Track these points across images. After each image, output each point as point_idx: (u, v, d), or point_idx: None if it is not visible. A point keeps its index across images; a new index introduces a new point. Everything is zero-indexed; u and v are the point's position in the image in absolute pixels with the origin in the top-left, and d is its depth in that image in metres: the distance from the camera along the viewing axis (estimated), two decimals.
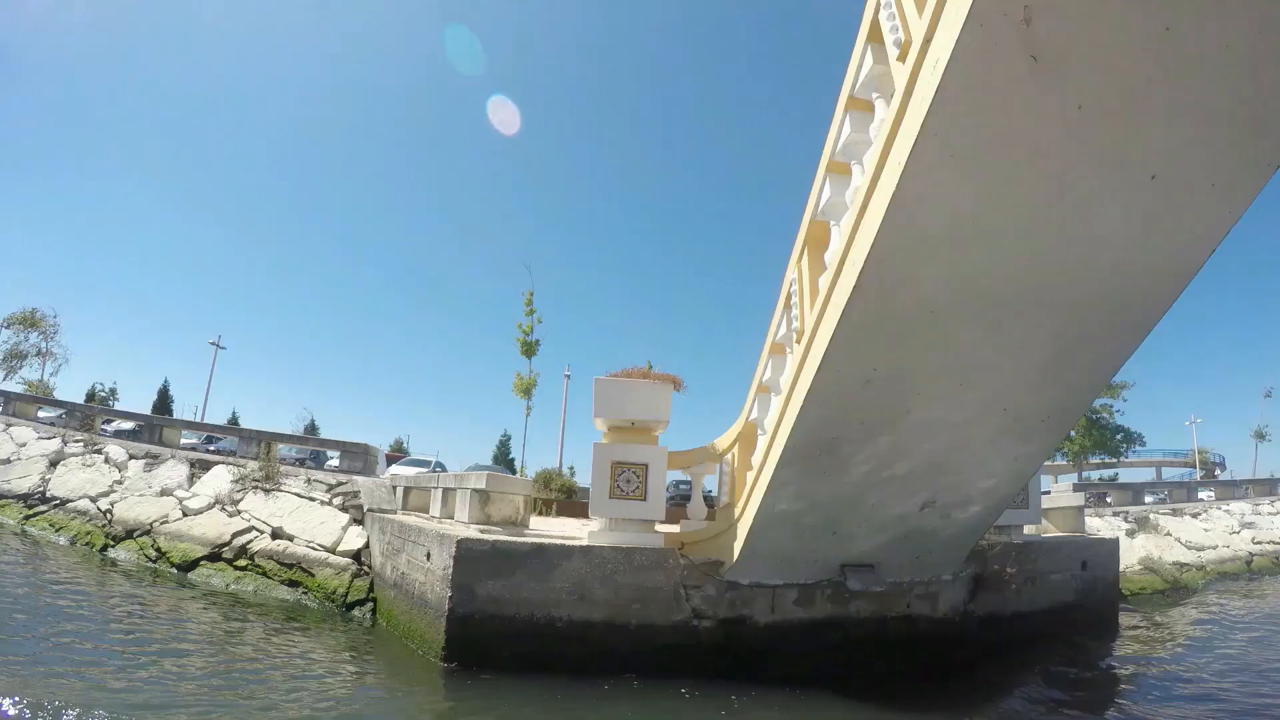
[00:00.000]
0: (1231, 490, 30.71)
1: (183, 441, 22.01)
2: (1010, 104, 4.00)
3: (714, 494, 16.61)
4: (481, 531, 8.46)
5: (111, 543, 13.88)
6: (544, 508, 18.06)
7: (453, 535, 7.94)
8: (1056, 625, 10.23)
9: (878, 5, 4.96)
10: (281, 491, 14.40)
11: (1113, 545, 12.33)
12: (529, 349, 22.00)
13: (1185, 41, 3.69)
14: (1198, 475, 52.94)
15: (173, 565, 12.57)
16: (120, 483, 16.08)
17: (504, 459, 62.03)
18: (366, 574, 11.73)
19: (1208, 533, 21.62)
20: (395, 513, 13.16)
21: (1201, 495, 30.01)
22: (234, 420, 66.54)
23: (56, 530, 14.94)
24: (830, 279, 5.64)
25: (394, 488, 14.76)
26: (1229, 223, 4.81)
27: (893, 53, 4.67)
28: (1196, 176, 4.50)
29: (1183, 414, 64.06)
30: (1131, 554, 17.55)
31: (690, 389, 9.58)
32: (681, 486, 23.79)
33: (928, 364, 5.98)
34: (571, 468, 31.82)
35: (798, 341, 6.48)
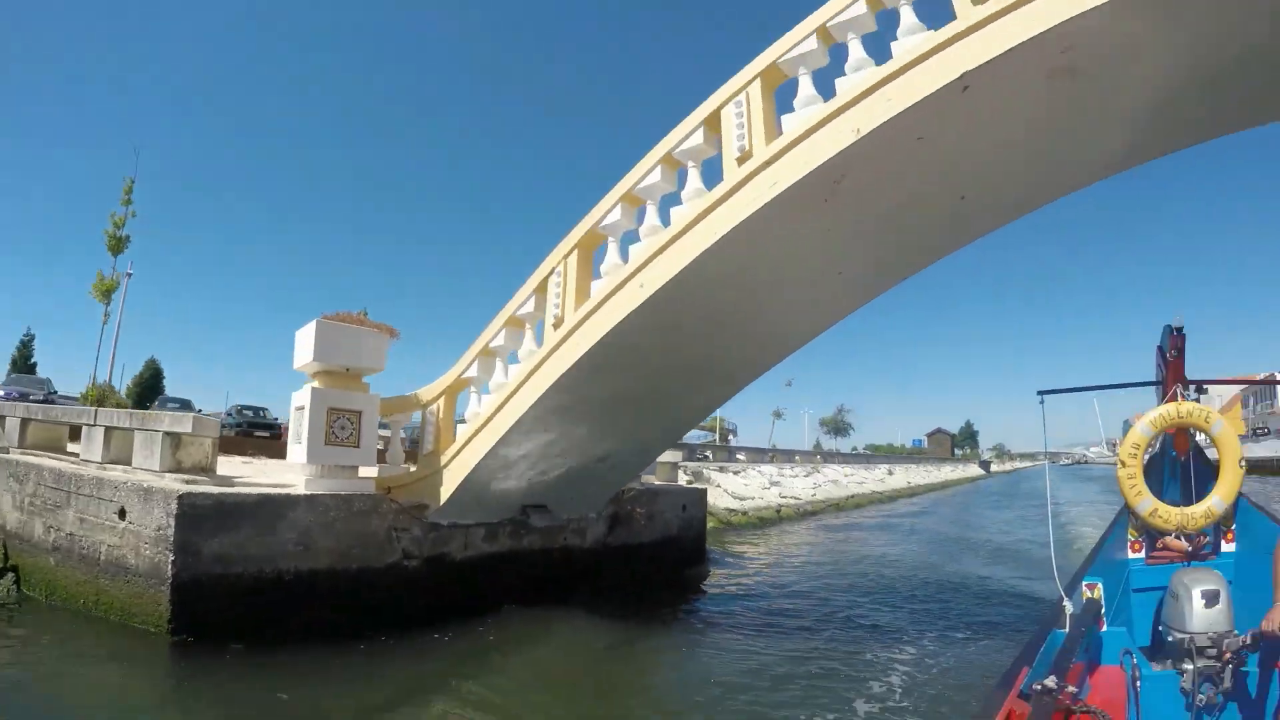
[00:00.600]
0: (760, 456, 40.44)
1: None
2: (802, 220, 6.18)
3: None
4: (187, 482, 7.71)
5: None
6: None
7: (164, 489, 7.19)
8: (667, 553, 13.19)
9: (723, 101, 6.33)
10: None
11: (703, 493, 16.01)
12: (117, 244, 18.72)
13: (919, 206, 6.41)
14: (716, 438, 68.61)
15: None
16: None
17: (24, 363, 50.12)
18: None
19: (747, 486, 28.50)
20: (10, 451, 10.74)
21: (739, 458, 38.90)
22: None
23: None
24: (610, 286, 7.04)
25: (3, 418, 11.84)
26: (850, 308, 8.11)
27: (732, 153, 6.18)
28: (859, 276, 7.49)
29: None
30: None
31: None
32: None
33: (648, 360, 7.98)
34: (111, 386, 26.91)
35: (555, 327, 7.67)
